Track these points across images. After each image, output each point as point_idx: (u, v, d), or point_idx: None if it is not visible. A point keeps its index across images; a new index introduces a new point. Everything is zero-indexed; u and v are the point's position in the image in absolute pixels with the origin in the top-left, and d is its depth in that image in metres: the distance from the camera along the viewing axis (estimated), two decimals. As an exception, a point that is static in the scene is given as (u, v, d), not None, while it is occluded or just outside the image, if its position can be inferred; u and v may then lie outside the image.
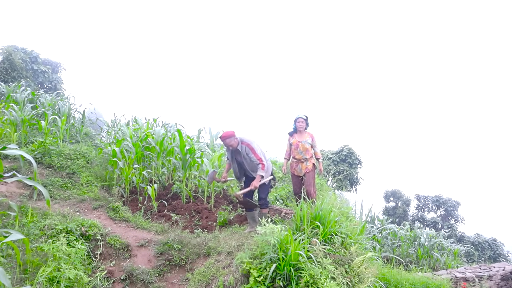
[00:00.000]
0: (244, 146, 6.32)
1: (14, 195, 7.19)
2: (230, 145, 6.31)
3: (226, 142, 6.29)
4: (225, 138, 6.26)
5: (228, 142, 6.28)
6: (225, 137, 6.27)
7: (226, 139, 6.26)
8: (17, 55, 19.96)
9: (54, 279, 4.46)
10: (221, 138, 6.32)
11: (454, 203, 28.03)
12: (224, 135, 6.28)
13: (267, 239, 4.80)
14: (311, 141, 7.29)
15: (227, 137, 6.26)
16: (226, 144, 6.32)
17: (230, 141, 6.28)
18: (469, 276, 9.47)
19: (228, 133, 6.28)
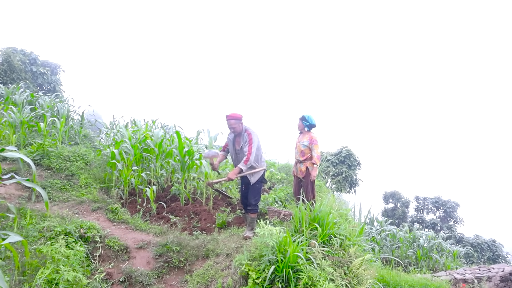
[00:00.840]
0: (247, 135, 6.07)
1: (13, 197, 7.18)
2: (233, 128, 6.05)
3: (231, 123, 6.02)
4: (231, 118, 6.01)
5: (232, 124, 6.01)
6: (231, 117, 6.01)
7: (232, 119, 6.01)
8: (16, 57, 19.94)
9: (52, 281, 4.46)
10: (227, 117, 6.03)
11: (453, 204, 28.02)
12: (232, 115, 6.01)
13: (265, 241, 4.80)
14: (308, 143, 7.02)
15: (233, 118, 6.01)
16: (230, 125, 6.03)
17: (234, 123, 6.02)
18: (468, 278, 9.47)
19: (235, 115, 6.02)
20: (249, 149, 5.98)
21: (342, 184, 18.83)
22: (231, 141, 6.32)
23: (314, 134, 7.13)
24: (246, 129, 6.14)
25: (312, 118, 7.19)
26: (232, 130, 6.10)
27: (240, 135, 6.16)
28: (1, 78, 18.58)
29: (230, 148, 6.36)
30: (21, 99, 12.49)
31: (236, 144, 6.27)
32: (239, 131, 6.11)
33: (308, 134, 7.11)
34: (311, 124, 7.17)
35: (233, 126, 6.03)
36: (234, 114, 6.00)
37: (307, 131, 7.19)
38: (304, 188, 7.03)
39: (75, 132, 12.11)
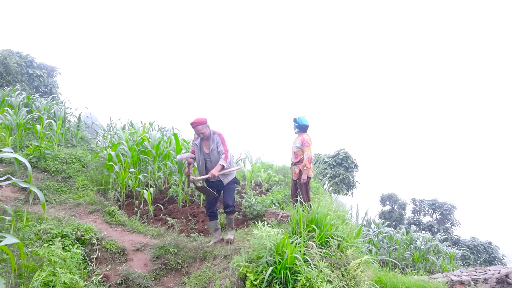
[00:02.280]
0: (217, 136, 5.99)
1: (9, 200, 7.15)
2: (201, 133, 5.85)
3: (198, 129, 5.81)
4: (197, 124, 5.79)
5: (200, 129, 5.81)
6: (197, 123, 5.79)
7: (199, 125, 5.80)
8: (12, 59, 19.89)
9: (49, 284, 4.43)
10: (193, 124, 5.78)
11: (450, 206, 28.06)
12: (197, 121, 5.78)
13: (263, 243, 4.79)
14: (299, 145, 7.05)
15: (200, 123, 5.81)
16: (198, 131, 5.82)
17: (202, 128, 5.83)
18: (465, 279, 9.49)
19: (201, 120, 5.81)
20: (225, 148, 5.97)
21: (340, 186, 18.85)
22: (197, 147, 6.06)
23: (307, 136, 7.12)
24: (214, 131, 6.06)
25: (302, 119, 7.20)
26: (201, 135, 5.91)
27: (208, 138, 6.00)
28: (-3, 81, 18.53)
29: (197, 154, 6.07)
30: (17, 101, 12.45)
31: (204, 148, 6.04)
32: (208, 135, 5.96)
33: (301, 136, 7.11)
34: (302, 125, 7.17)
35: (202, 131, 5.86)
36: (199, 120, 5.81)
37: (299, 132, 7.20)
38: (300, 189, 7.05)
39: (72, 135, 12.08)
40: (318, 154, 20.56)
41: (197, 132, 5.85)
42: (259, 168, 10.40)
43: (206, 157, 6.01)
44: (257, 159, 11.49)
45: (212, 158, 5.98)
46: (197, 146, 6.04)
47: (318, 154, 20.58)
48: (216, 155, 5.97)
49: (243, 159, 11.89)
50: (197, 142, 6.05)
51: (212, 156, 5.98)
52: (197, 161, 6.09)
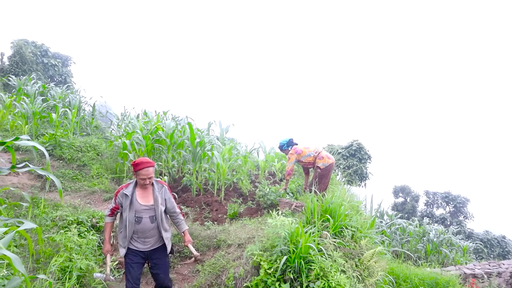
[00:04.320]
0: (165, 187, 4.29)
1: (26, 187, 7.26)
2: (150, 178, 4.01)
3: (148, 173, 3.96)
4: (150, 165, 3.98)
5: (150, 173, 3.99)
6: (150, 164, 3.99)
7: (150, 166, 3.98)
8: (27, 49, 20.08)
9: (66, 269, 4.50)
10: (140, 165, 3.92)
11: (464, 199, 27.84)
12: (150, 162, 4.00)
13: (277, 232, 4.80)
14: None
15: (152, 165, 4.02)
16: (147, 175, 3.96)
17: (153, 172, 4.05)
18: (478, 273, 9.42)
19: (150, 160, 4.03)
20: (179, 208, 4.59)
21: (353, 177, 18.77)
22: (129, 198, 3.98)
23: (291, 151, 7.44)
24: (156, 179, 4.30)
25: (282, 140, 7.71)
26: (148, 181, 4.00)
27: (149, 187, 4.13)
28: (13, 70, 18.74)
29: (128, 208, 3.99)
30: (33, 90, 12.59)
31: (140, 199, 4.04)
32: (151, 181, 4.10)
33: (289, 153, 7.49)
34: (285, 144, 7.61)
35: (151, 176, 4.02)
36: (149, 160, 4.00)
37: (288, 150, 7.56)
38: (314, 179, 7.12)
39: (87, 123, 12.19)
40: (331, 145, 20.48)
41: (145, 176, 3.94)
42: (273, 158, 10.39)
43: (142, 213, 4.02)
44: (271, 149, 11.48)
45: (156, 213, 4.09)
46: (127, 197, 3.98)
47: (332, 145, 20.49)
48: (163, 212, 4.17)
49: (257, 149, 11.89)
50: (127, 191, 4.00)
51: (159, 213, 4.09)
52: (128, 218, 3.97)
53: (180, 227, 4.47)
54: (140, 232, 4.04)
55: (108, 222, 4.14)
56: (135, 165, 3.94)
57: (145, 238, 4.08)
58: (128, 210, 3.97)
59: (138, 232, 4.03)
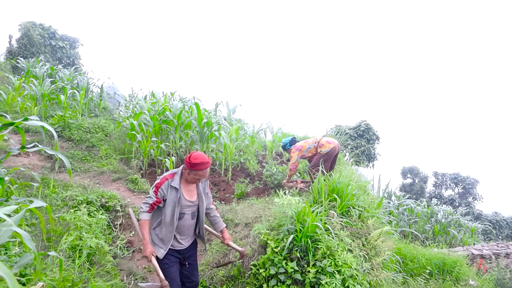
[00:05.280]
0: (206, 179, 3.96)
1: (36, 168, 7.33)
2: (204, 177, 3.72)
3: (207, 173, 3.70)
4: (209, 165, 3.64)
5: (207, 172, 3.68)
6: (208, 164, 3.63)
7: (209, 167, 3.66)
8: (35, 31, 20.07)
9: (76, 247, 4.58)
10: (202, 165, 3.54)
11: (473, 181, 27.74)
12: (208, 162, 3.62)
13: (284, 211, 4.82)
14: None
15: (210, 164, 3.70)
16: (204, 175, 3.66)
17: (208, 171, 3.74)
18: (486, 254, 9.42)
19: (208, 159, 3.64)
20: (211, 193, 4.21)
21: (361, 158, 18.72)
22: (175, 193, 3.64)
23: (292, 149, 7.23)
24: None
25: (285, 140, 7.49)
26: (200, 178, 3.69)
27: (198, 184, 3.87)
28: (21, 52, 18.78)
29: (175, 203, 3.63)
30: (41, 72, 12.62)
31: (186, 195, 3.72)
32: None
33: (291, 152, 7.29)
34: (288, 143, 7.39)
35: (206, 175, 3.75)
36: (207, 159, 3.62)
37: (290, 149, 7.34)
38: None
39: (95, 105, 12.22)
40: (339, 126, 20.39)
41: (202, 177, 3.67)
42: (280, 138, 10.38)
43: (185, 209, 3.73)
44: (278, 129, 11.46)
45: (200, 210, 3.89)
46: (175, 190, 3.64)
47: (339, 126, 20.40)
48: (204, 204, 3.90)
49: (264, 129, 11.88)
50: (175, 184, 3.64)
51: (200, 207, 3.87)
52: (167, 216, 3.65)
53: (218, 225, 4.12)
54: (179, 229, 3.75)
55: (146, 220, 3.62)
56: (193, 164, 3.48)
57: (182, 236, 3.80)
58: (175, 205, 3.60)
59: (177, 229, 3.72)
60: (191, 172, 3.56)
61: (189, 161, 3.52)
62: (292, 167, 7.02)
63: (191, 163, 3.50)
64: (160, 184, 3.61)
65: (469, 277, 7.43)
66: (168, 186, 3.61)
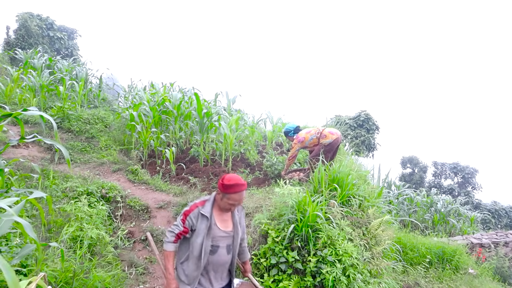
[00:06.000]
0: (242, 207, 3.47)
1: (36, 159, 7.32)
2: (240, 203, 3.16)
3: (243, 197, 3.09)
4: (244, 187, 3.05)
5: (242, 196, 3.09)
6: (244, 187, 3.05)
7: (244, 189, 3.07)
8: (33, 22, 19.91)
9: (77, 238, 4.58)
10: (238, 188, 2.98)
11: (472, 170, 27.79)
12: (244, 184, 3.04)
13: (285, 201, 4.83)
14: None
15: (246, 187, 3.10)
16: (240, 200, 3.06)
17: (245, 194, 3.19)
18: (485, 242, 9.48)
19: (243, 181, 3.07)
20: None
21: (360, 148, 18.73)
22: (206, 222, 3.08)
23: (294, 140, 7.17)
24: None
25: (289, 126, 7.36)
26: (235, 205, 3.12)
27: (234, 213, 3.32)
28: (19, 43, 18.65)
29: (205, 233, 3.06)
30: (39, 63, 12.55)
31: (220, 224, 3.16)
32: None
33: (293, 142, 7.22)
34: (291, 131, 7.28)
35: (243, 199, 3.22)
36: (243, 180, 3.06)
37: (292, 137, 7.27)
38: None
39: (94, 96, 12.18)
40: (339, 116, 20.38)
41: (237, 202, 3.07)
42: (280, 129, 10.36)
43: (219, 241, 3.15)
44: (278, 119, 11.43)
45: (234, 243, 3.26)
46: (205, 219, 3.10)
47: (339, 116, 20.39)
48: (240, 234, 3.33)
49: (264, 119, 11.85)
50: (205, 211, 3.10)
51: (235, 238, 3.26)
52: (195, 248, 3.08)
53: (244, 255, 3.57)
54: (212, 265, 3.16)
55: (171, 251, 3.14)
56: (227, 186, 2.98)
57: (215, 273, 3.21)
58: (204, 236, 3.07)
59: (209, 265, 3.16)
60: (224, 196, 3.03)
61: (222, 182, 3.03)
62: (291, 157, 7.00)
63: (224, 184, 3.00)
64: (189, 212, 3.12)
65: (468, 266, 7.48)
66: (198, 214, 3.11)
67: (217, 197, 3.14)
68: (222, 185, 3.01)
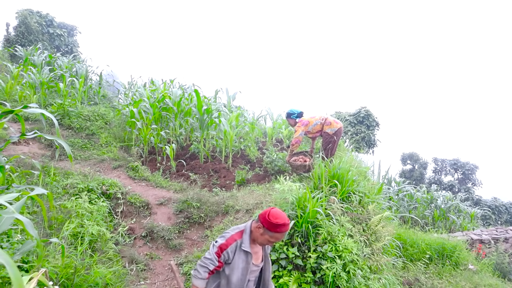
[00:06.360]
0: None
1: (36, 156, 7.33)
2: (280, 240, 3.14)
3: (284, 235, 2.80)
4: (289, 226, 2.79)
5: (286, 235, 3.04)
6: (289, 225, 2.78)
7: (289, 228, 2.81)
8: (32, 19, 19.87)
9: (78, 235, 4.59)
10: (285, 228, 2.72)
11: (472, 166, 27.75)
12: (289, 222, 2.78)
13: (285, 197, 4.83)
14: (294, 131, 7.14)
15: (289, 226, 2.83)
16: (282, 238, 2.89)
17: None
18: (485, 238, 9.49)
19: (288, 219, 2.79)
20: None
21: (360, 145, 18.71)
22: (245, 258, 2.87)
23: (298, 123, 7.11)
24: None
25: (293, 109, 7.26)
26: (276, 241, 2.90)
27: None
28: (19, 40, 18.62)
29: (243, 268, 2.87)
30: (39, 60, 12.55)
31: (254, 258, 2.96)
32: None
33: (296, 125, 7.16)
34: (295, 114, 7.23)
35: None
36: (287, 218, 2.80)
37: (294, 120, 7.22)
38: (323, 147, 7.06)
39: (94, 92, 12.17)
40: (339, 112, 20.36)
41: (279, 240, 2.91)
42: (280, 125, 10.37)
43: (251, 275, 2.99)
44: (278, 116, 11.43)
45: (264, 277, 3.16)
46: (245, 254, 2.88)
47: (339, 112, 20.37)
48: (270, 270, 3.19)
49: (264, 116, 11.86)
50: (246, 247, 2.87)
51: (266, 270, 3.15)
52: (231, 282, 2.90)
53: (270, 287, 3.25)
54: None
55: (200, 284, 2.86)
56: (274, 225, 2.71)
57: None
58: (244, 272, 2.88)
59: None
60: (267, 233, 2.77)
61: (268, 219, 2.74)
62: (295, 141, 6.89)
63: (270, 222, 2.72)
64: (226, 246, 2.85)
65: (468, 262, 7.49)
66: (236, 248, 2.87)
67: (256, 230, 2.86)
68: (268, 223, 2.74)
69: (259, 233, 2.82)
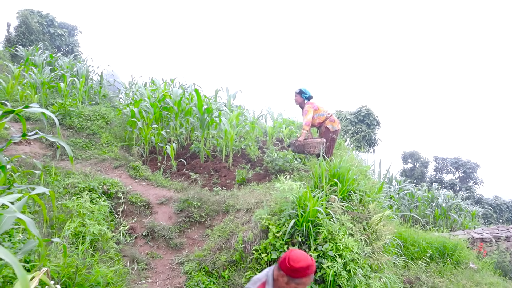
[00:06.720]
0: None
1: (38, 156, 7.34)
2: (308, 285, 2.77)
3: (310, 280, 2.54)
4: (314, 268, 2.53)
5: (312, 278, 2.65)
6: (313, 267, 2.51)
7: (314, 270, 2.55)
8: (33, 19, 19.88)
9: (79, 234, 4.61)
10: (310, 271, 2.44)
11: (473, 165, 27.74)
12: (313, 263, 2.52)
13: (285, 196, 4.85)
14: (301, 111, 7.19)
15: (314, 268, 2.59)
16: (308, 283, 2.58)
17: None
18: (486, 237, 9.48)
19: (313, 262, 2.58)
20: None
21: (361, 143, 18.71)
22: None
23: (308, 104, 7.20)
24: None
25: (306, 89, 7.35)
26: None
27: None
28: (20, 40, 18.63)
29: None
30: (40, 60, 12.55)
31: None
32: None
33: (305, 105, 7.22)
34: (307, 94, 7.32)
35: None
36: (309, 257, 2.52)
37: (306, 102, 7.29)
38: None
39: (95, 92, 12.18)
40: (339, 111, 20.37)
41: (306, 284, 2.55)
42: (281, 124, 10.37)
43: None
44: (279, 115, 11.43)
45: None
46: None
47: (340, 111, 20.38)
48: None
49: (264, 115, 11.86)
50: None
51: None
52: None
53: None
54: None
55: None
56: (295, 270, 2.41)
57: None
58: None
59: None
60: (292, 281, 2.46)
61: (289, 266, 2.43)
62: (307, 122, 6.99)
63: (292, 269, 2.43)
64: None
65: (469, 260, 7.49)
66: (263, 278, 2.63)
67: (280, 279, 2.52)
68: (290, 269, 2.44)
69: (283, 283, 2.50)
